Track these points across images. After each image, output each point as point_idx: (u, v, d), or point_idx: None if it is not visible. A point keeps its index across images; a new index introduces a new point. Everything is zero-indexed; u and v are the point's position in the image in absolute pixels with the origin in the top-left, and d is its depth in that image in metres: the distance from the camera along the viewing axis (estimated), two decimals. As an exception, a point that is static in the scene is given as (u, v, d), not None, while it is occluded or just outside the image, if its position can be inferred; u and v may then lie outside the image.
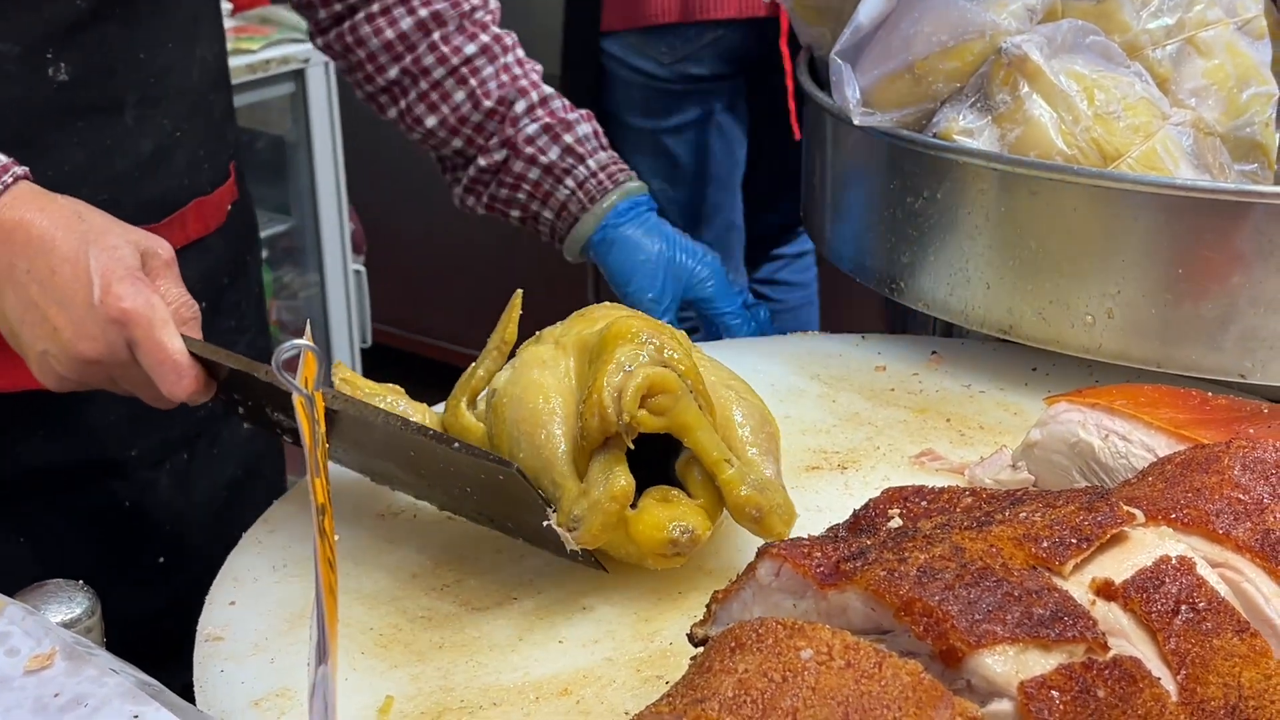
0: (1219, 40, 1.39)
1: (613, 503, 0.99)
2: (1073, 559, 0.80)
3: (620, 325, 1.05)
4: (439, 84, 1.55)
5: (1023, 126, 1.30)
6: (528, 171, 1.57)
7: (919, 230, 1.37)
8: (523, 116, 1.56)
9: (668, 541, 1.00)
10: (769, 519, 1.02)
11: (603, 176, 1.58)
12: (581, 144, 1.58)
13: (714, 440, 1.02)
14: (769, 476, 1.05)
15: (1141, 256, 1.25)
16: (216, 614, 1.05)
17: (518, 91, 1.57)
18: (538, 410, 1.05)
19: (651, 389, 1.00)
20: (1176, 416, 1.05)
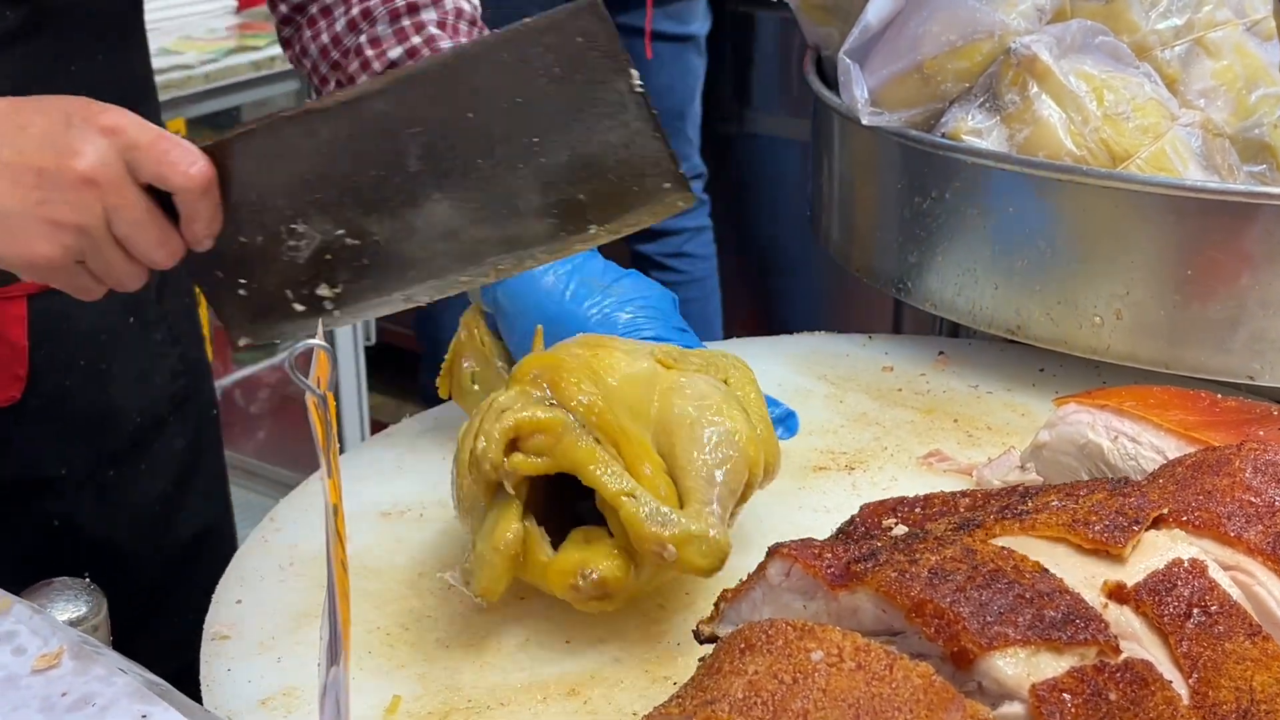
0: (1228, 41, 1.39)
1: (495, 554, 0.95)
2: (1130, 541, 0.80)
3: (521, 365, 1.02)
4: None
5: (1031, 127, 1.30)
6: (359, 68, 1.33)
7: (927, 230, 1.37)
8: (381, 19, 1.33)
9: (570, 588, 0.96)
10: (684, 552, 0.95)
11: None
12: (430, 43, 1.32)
13: (609, 476, 0.96)
14: (702, 505, 0.98)
15: (1150, 257, 1.25)
16: (223, 613, 1.05)
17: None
18: (466, 459, 1.01)
19: (522, 431, 0.95)
20: (1186, 418, 1.04)
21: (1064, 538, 0.83)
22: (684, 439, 1.02)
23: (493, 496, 0.98)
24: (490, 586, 0.95)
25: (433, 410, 1.35)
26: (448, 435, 1.29)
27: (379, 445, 1.30)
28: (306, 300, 1.10)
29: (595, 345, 1.06)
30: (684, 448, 1.01)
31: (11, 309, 1.28)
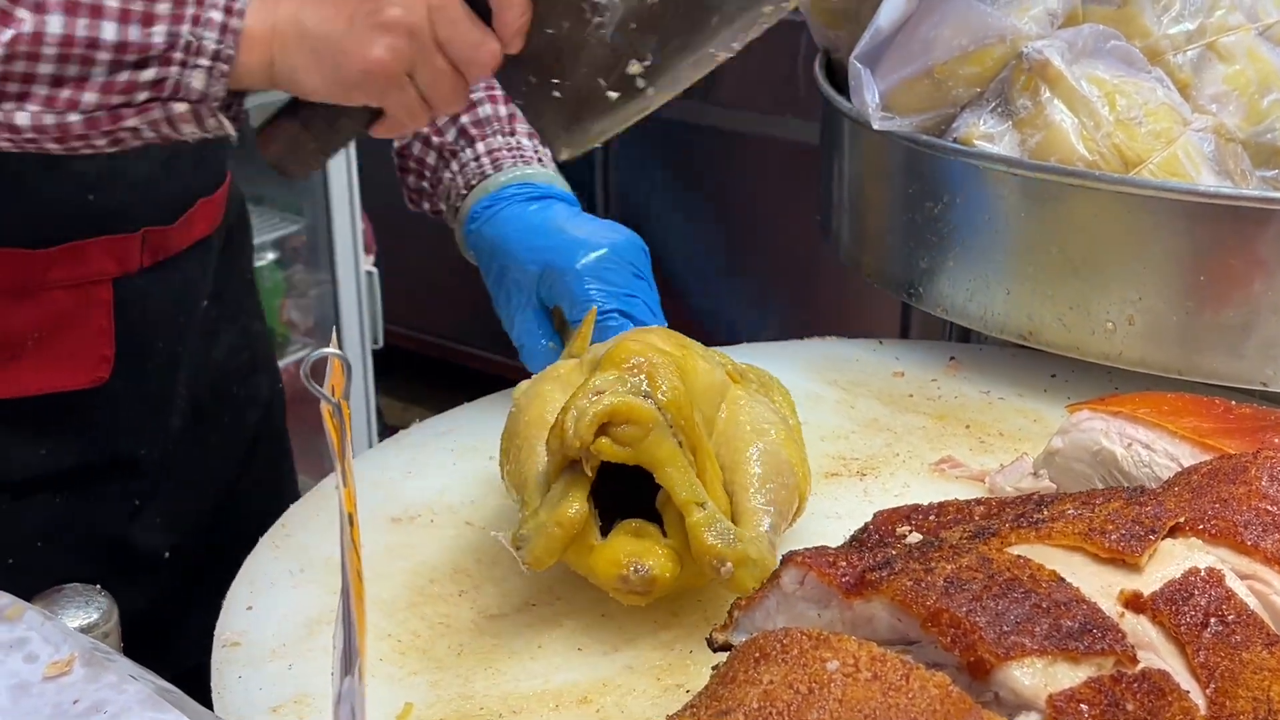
0: (1240, 46, 1.38)
1: (557, 527, 0.95)
2: (1147, 550, 0.80)
3: (617, 349, 1.02)
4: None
5: (1044, 132, 1.29)
6: (425, 155, 1.42)
7: (938, 235, 1.37)
8: None
9: (618, 577, 0.96)
10: (739, 573, 0.95)
11: (485, 161, 1.38)
12: (479, 125, 1.40)
13: (686, 480, 0.96)
14: (758, 527, 0.99)
15: (1163, 263, 1.24)
16: (233, 619, 1.04)
17: None
18: (531, 423, 1.04)
19: (615, 417, 0.95)
20: (1201, 425, 1.04)
21: (1080, 546, 0.83)
22: (745, 457, 1.03)
23: (562, 470, 0.98)
24: (543, 557, 0.96)
25: (442, 415, 1.35)
26: (457, 440, 1.29)
27: (388, 450, 1.29)
28: (619, 84, 1.10)
29: (681, 346, 1.07)
30: (744, 466, 1.03)
31: (98, 292, 1.31)
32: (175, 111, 1.06)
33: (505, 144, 1.38)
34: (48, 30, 1.02)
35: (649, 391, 0.98)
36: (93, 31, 1.03)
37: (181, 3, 1.05)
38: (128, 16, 1.03)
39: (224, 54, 1.05)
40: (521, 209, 1.34)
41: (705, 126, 3.28)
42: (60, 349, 1.30)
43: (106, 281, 1.31)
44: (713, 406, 1.06)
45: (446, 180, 1.39)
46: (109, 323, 1.32)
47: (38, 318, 1.28)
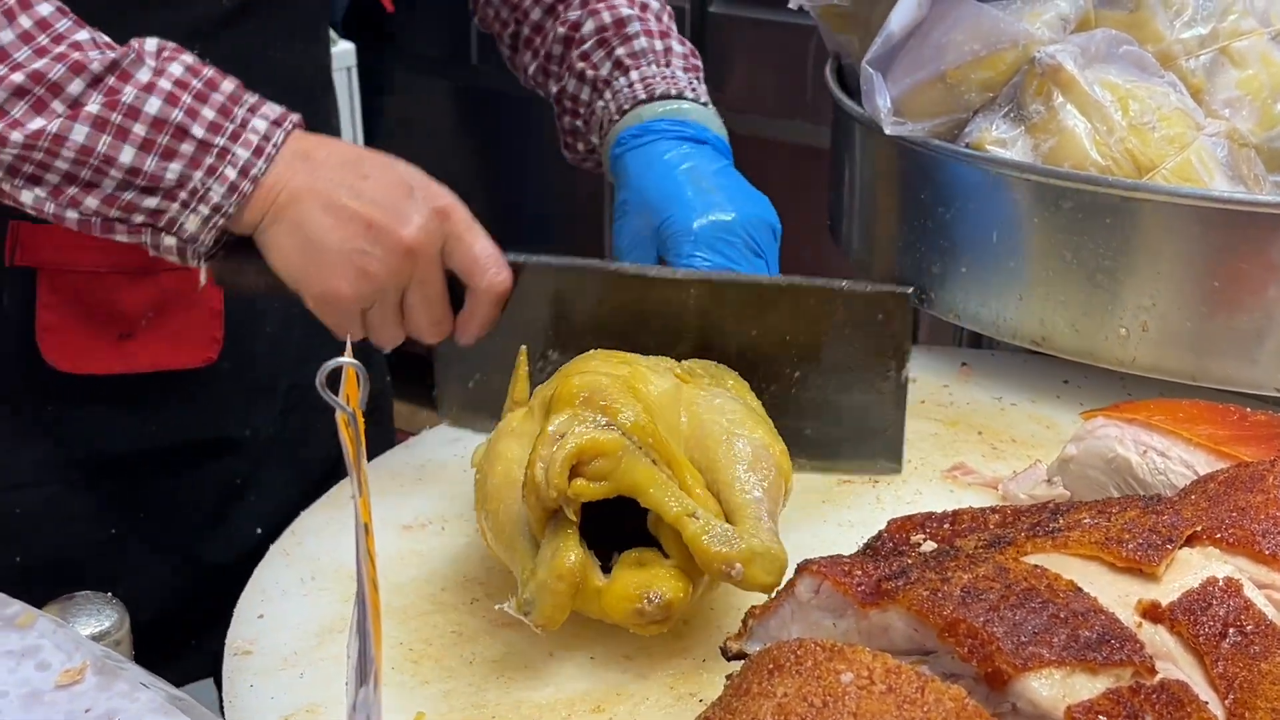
0: (1253, 50, 1.38)
1: (559, 582, 0.93)
2: (1164, 560, 0.80)
3: (564, 387, 1.01)
4: (539, 25, 1.46)
5: (1056, 137, 1.29)
6: (580, 90, 1.42)
7: (950, 241, 1.36)
8: (589, 37, 1.42)
9: (635, 612, 0.94)
10: (750, 570, 0.93)
11: (639, 88, 1.37)
12: (635, 57, 1.40)
13: (669, 496, 0.95)
14: (756, 520, 0.98)
15: (1176, 269, 1.24)
16: (245, 628, 1.04)
17: (590, 13, 1.42)
18: (499, 485, 1.01)
19: (583, 455, 0.94)
20: (1216, 433, 1.04)
21: (1097, 556, 0.83)
22: (722, 454, 1.02)
23: (546, 523, 0.96)
24: (553, 615, 0.94)
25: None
26: (468, 447, 1.28)
27: (399, 458, 1.29)
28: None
29: (623, 362, 1.06)
30: (724, 463, 1.01)
31: None
32: (163, 242, 1.11)
33: (659, 73, 1.38)
34: (71, 136, 1.06)
35: (608, 421, 0.97)
36: (113, 151, 1.07)
37: (206, 149, 1.08)
38: (150, 147, 1.07)
39: (226, 209, 1.10)
40: (670, 147, 1.33)
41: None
42: (172, 329, 1.34)
43: None
44: (673, 414, 1.05)
45: (599, 109, 1.39)
46: (220, 305, 1.35)
47: (152, 297, 1.32)
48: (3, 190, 1.10)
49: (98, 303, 1.30)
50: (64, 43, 1.07)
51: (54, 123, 1.06)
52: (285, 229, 1.10)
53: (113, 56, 1.08)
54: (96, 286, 1.30)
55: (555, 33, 1.43)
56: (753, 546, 0.94)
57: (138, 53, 1.09)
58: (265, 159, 1.09)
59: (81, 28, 1.09)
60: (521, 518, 0.98)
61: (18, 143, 1.06)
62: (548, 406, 1.01)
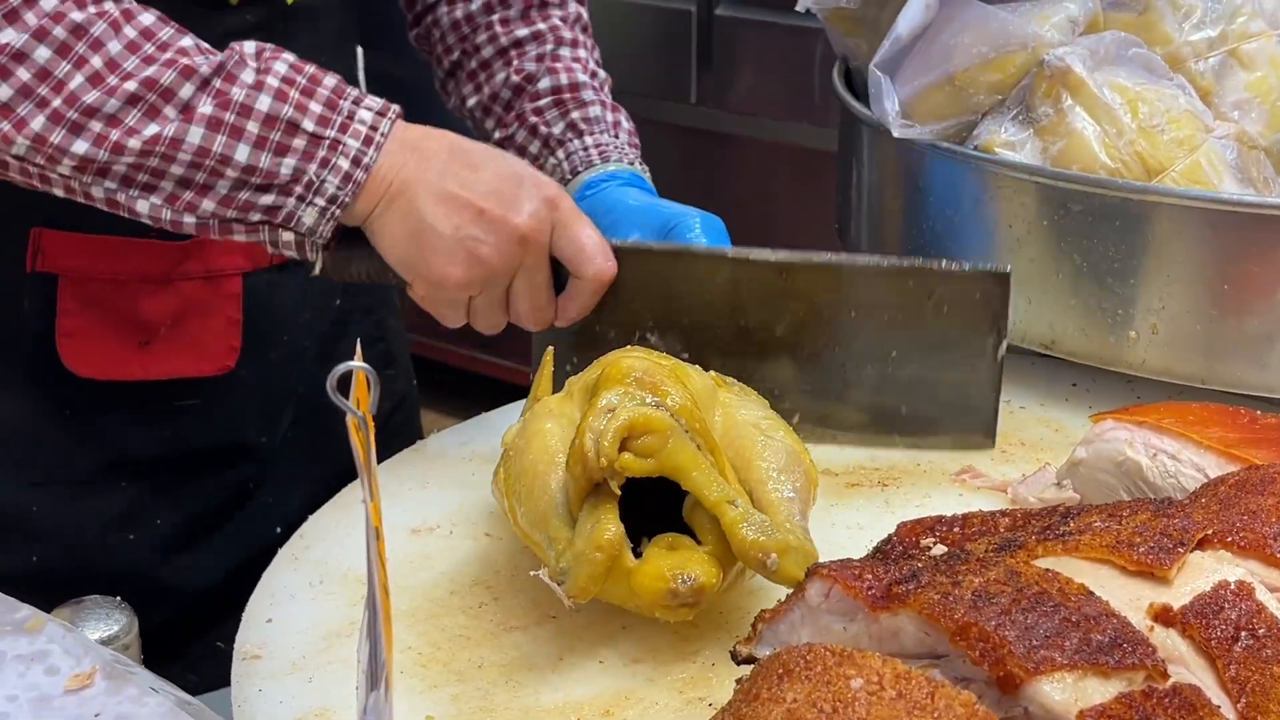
0: (1262, 52, 1.38)
1: (598, 553, 0.93)
2: (1175, 563, 0.80)
3: (613, 368, 1.02)
4: (486, 63, 1.47)
5: (1065, 139, 1.29)
6: (528, 144, 1.44)
7: (958, 244, 1.36)
8: (544, 94, 1.44)
9: (667, 592, 0.94)
10: (783, 562, 0.94)
11: (593, 153, 1.41)
12: (589, 122, 1.43)
13: (712, 481, 0.96)
14: (788, 517, 0.99)
15: (1186, 271, 1.24)
16: (253, 632, 1.04)
17: (548, 71, 1.45)
18: (536, 461, 1.02)
19: (634, 430, 0.95)
20: (1227, 436, 1.03)
21: (1108, 559, 0.82)
22: (755, 454, 1.03)
23: (587, 496, 0.97)
24: (588, 586, 0.94)
25: (459, 425, 1.35)
26: (474, 451, 1.28)
27: (406, 461, 1.29)
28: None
29: (665, 357, 1.07)
30: (757, 462, 1.03)
31: (228, 285, 1.36)
32: (281, 238, 1.13)
33: (611, 143, 1.42)
34: (187, 138, 1.09)
35: (659, 401, 0.98)
36: (228, 150, 1.10)
37: (317, 142, 1.11)
38: (264, 144, 1.10)
39: (341, 199, 1.12)
40: (627, 191, 1.37)
41: (720, 133, 3.28)
42: (190, 336, 1.36)
43: (237, 275, 1.36)
44: (709, 411, 1.06)
45: (550, 166, 1.42)
46: (238, 314, 1.37)
47: (172, 306, 1.33)
48: (118, 202, 1.12)
49: (118, 310, 1.32)
50: (170, 49, 1.10)
51: (169, 127, 1.08)
52: (397, 217, 1.13)
53: (218, 59, 1.11)
54: (117, 294, 1.31)
55: (508, 79, 1.45)
56: (788, 540, 0.95)
57: (240, 55, 1.12)
58: (375, 148, 1.12)
59: (184, 34, 1.12)
60: (558, 493, 0.99)
61: (135, 149, 1.08)
62: (593, 387, 1.03)
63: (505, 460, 1.06)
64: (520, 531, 1.04)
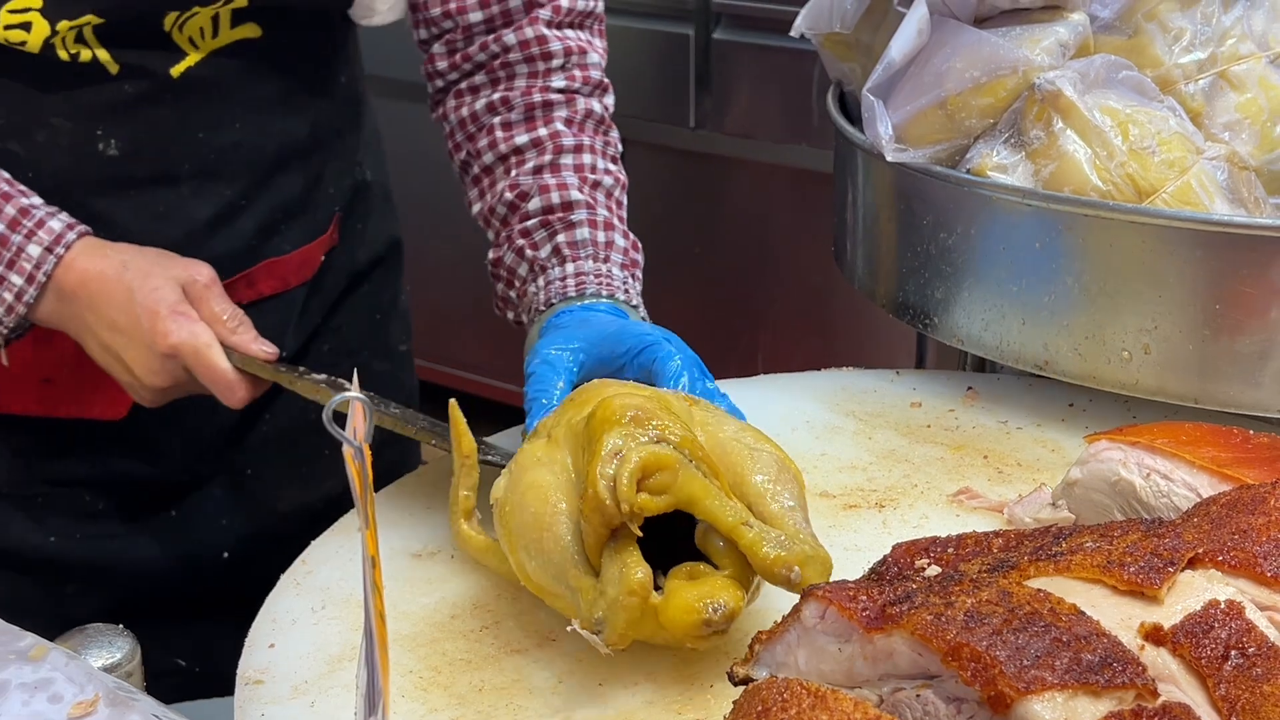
0: (1251, 74, 1.39)
1: (631, 597, 0.93)
2: (1166, 583, 0.81)
3: (604, 409, 1.01)
4: (488, 169, 1.44)
5: (1057, 162, 1.30)
6: (517, 266, 1.40)
7: (953, 266, 1.37)
8: (534, 214, 1.38)
9: (701, 623, 0.95)
10: (806, 573, 0.96)
11: (570, 284, 1.34)
12: (573, 247, 1.36)
13: (725, 506, 0.97)
14: (796, 526, 1.00)
15: (1178, 292, 1.25)
16: (256, 657, 1.05)
17: (539, 189, 1.39)
18: (541, 514, 1.01)
19: (646, 470, 0.96)
20: (1219, 455, 1.04)
21: (1099, 579, 0.83)
22: (748, 469, 1.03)
23: (605, 544, 0.97)
24: (626, 632, 0.94)
25: (461, 450, 1.36)
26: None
27: (409, 486, 1.30)
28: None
29: (643, 386, 1.08)
30: (749, 477, 1.03)
31: None
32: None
33: (594, 269, 1.36)
34: None
35: (660, 436, 0.99)
36: None
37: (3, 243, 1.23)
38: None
39: (26, 296, 1.24)
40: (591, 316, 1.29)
41: (718, 155, 3.30)
42: (88, 380, 1.36)
43: None
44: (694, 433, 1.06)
45: (531, 294, 1.37)
46: None
47: (72, 348, 1.33)
48: None
49: (20, 348, 1.35)
50: None
51: None
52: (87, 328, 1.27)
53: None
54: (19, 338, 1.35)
55: (502, 195, 1.40)
56: (805, 550, 0.97)
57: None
58: (36, 287, 1.24)
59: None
60: (571, 543, 0.99)
61: None
62: (585, 431, 1.02)
63: (502, 516, 1.05)
64: (534, 587, 1.03)
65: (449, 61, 1.45)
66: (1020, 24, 1.36)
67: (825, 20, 1.57)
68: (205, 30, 1.31)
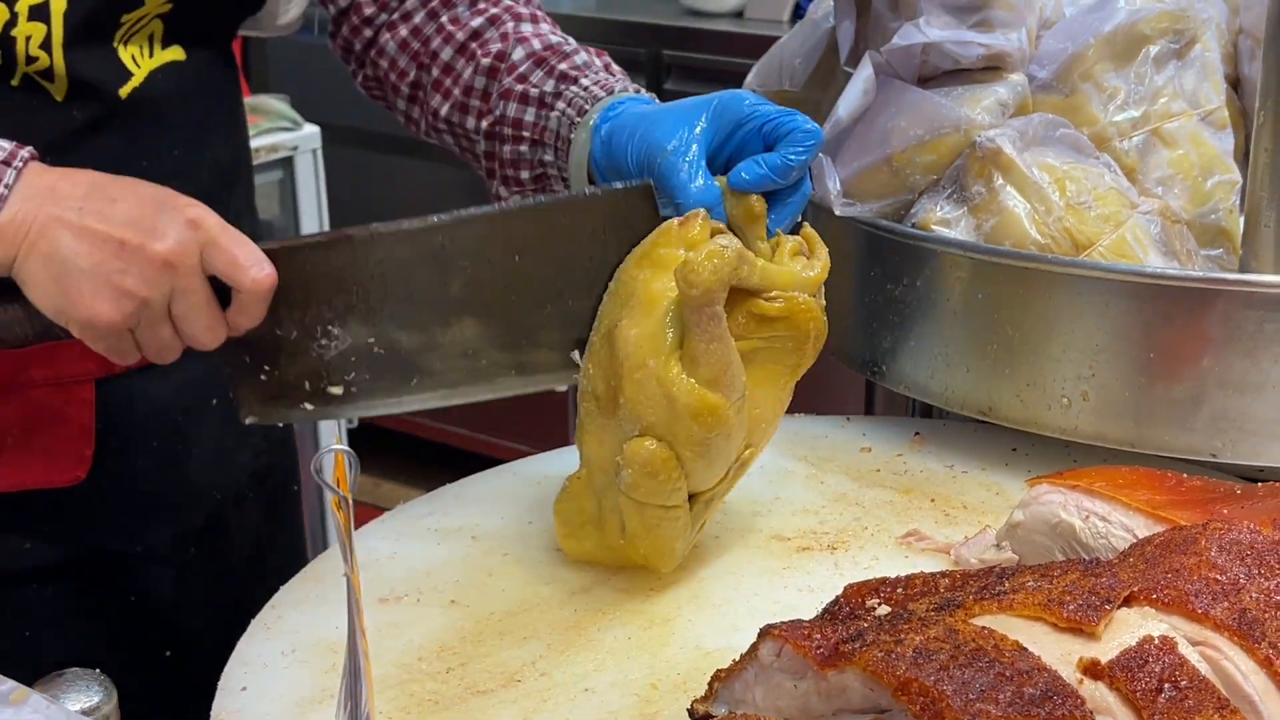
0: (1183, 131, 1.45)
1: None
2: (1103, 620, 0.85)
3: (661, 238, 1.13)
4: (449, 65, 1.40)
5: (997, 217, 1.35)
6: (523, 113, 1.35)
7: (899, 316, 1.42)
8: (521, 63, 1.36)
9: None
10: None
11: (596, 89, 1.32)
12: (579, 69, 1.34)
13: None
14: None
15: (1114, 341, 1.30)
16: (228, 700, 1.08)
17: (518, 41, 1.37)
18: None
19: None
20: (1154, 498, 1.09)
21: (1040, 617, 0.88)
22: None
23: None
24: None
25: (423, 497, 1.39)
26: (439, 521, 1.32)
27: (373, 533, 1.33)
28: (319, 394, 1.20)
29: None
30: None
31: (80, 392, 1.33)
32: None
33: (607, 79, 1.34)
34: None
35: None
36: None
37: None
38: None
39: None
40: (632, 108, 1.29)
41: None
42: (39, 446, 1.32)
43: (88, 381, 1.33)
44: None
45: (553, 120, 1.33)
46: (90, 422, 1.34)
47: (19, 415, 1.31)
48: None
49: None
50: None
51: None
52: (39, 262, 1.11)
53: None
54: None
55: (477, 64, 1.38)
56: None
57: None
58: (1, 200, 1.10)
59: None
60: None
61: None
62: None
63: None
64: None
65: (377, 3, 1.44)
66: (962, 84, 1.41)
67: (775, 78, 1.62)
68: (144, 49, 1.30)
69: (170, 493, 1.43)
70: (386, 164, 3.78)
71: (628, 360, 1.10)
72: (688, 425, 1.09)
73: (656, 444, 1.10)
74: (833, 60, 1.54)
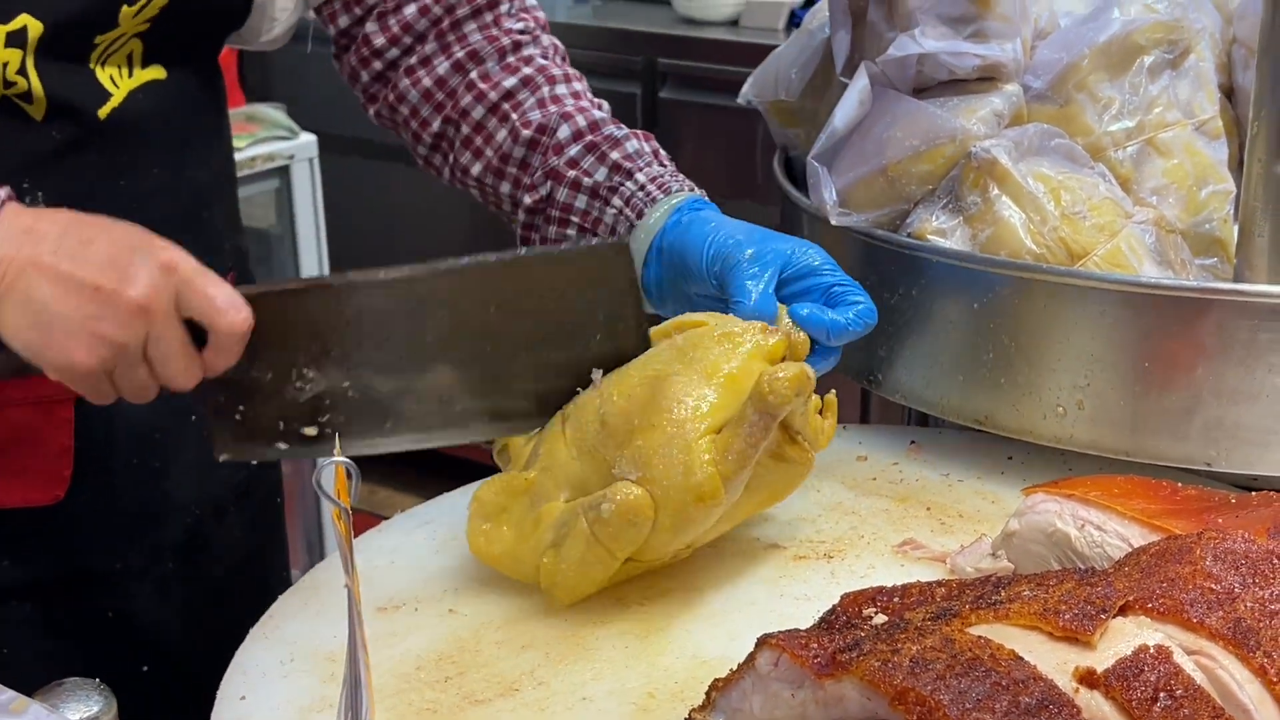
0: (1178, 141, 1.45)
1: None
2: (1098, 629, 0.85)
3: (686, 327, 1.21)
4: (480, 125, 1.41)
5: (993, 227, 1.36)
6: (574, 199, 1.38)
7: (895, 325, 1.42)
8: (568, 143, 1.38)
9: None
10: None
11: (652, 187, 1.35)
12: (631, 159, 1.37)
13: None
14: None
15: (1109, 350, 1.30)
16: (227, 710, 1.08)
17: (561, 117, 1.39)
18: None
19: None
20: (1149, 507, 1.10)
21: (1036, 626, 0.88)
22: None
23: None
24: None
25: (420, 506, 1.39)
26: (436, 531, 1.33)
27: (371, 542, 1.33)
28: (293, 434, 1.21)
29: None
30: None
31: (59, 412, 1.33)
32: None
33: (661, 173, 1.37)
34: None
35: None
36: None
37: None
38: None
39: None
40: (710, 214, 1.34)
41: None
42: (17, 466, 1.32)
43: (68, 401, 1.32)
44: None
45: (610, 216, 1.37)
46: (70, 441, 1.34)
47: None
48: None
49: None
50: None
51: None
52: (16, 307, 1.09)
53: None
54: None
55: (515, 133, 1.39)
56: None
57: None
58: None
59: None
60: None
61: None
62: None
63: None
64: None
65: (387, 36, 1.42)
66: (957, 94, 1.42)
67: (771, 89, 1.63)
68: (123, 69, 1.29)
69: (148, 509, 1.42)
70: (383, 173, 3.78)
71: (667, 412, 1.14)
72: (685, 498, 1.12)
73: (650, 497, 1.12)
74: (828, 70, 1.55)
